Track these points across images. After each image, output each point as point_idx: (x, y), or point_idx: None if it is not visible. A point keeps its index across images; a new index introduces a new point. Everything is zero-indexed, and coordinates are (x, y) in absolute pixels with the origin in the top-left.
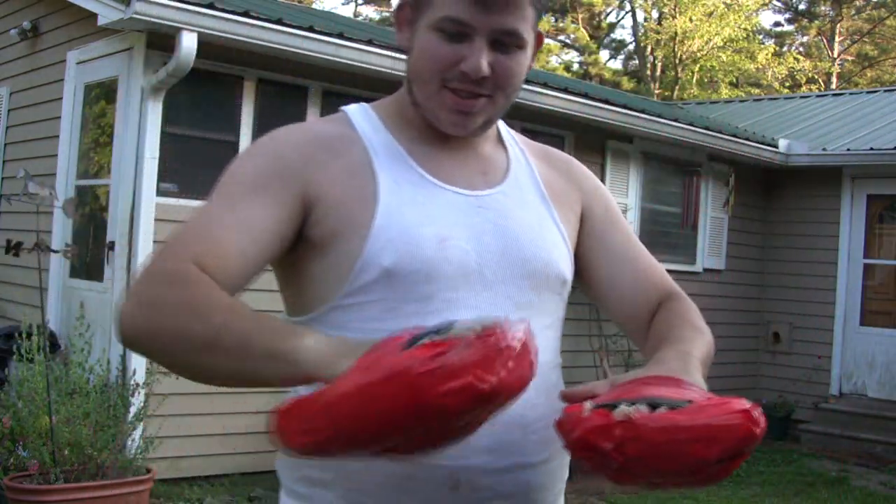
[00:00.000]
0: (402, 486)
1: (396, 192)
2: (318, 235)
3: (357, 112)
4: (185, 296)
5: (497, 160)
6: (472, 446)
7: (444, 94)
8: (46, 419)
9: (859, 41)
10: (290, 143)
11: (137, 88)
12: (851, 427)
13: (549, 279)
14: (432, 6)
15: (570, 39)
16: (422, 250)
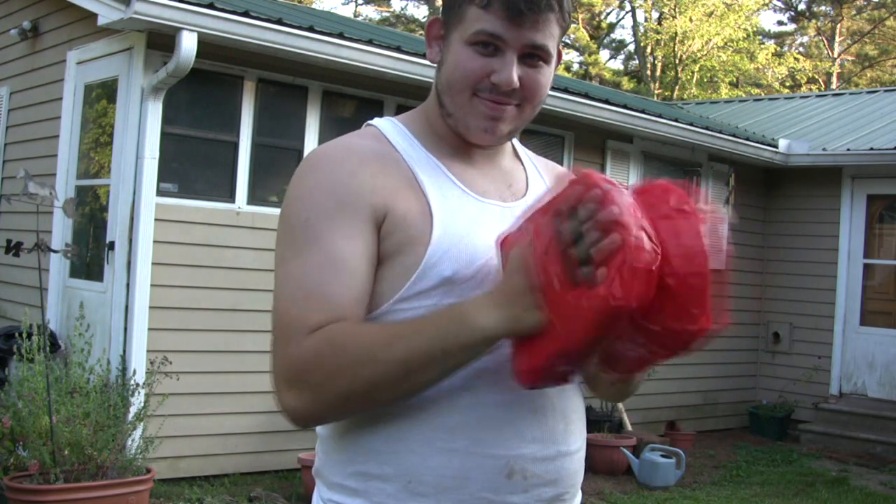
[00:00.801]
0: (459, 475)
1: (446, 205)
2: (385, 249)
3: (388, 127)
4: (346, 356)
5: (518, 174)
6: (524, 436)
7: (475, 102)
8: (46, 419)
9: (859, 41)
10: (343, 166)
11: (137, 88)
12: (851, 427)
13: None
14: (465, 21)
15: (570, 39)
16: (477, 259)
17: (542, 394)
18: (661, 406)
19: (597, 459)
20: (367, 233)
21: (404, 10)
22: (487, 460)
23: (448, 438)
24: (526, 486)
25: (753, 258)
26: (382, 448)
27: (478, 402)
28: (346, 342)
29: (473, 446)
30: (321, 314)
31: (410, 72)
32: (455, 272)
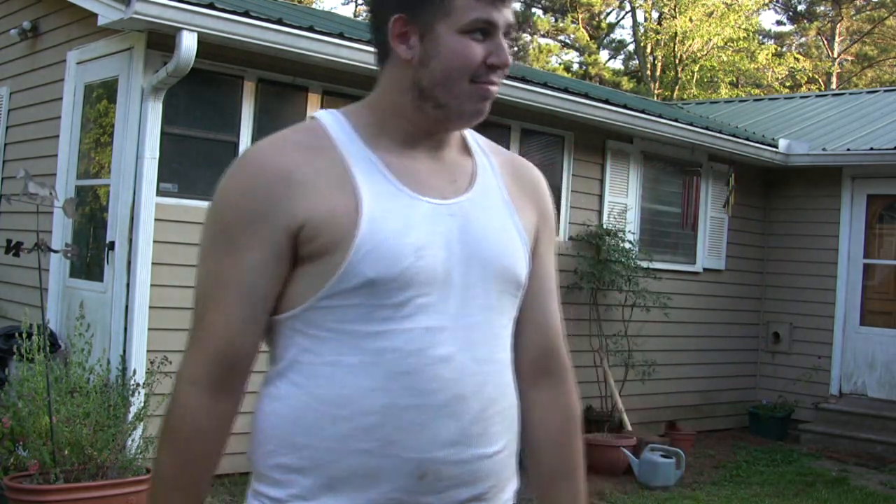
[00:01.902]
0: (372, 474)
1: (376, 203)
2: (307, 252)
3: (330, 120)
4: (175, 461)
5: (464, 167)
6: (437, 440)
7: (472, 89)
8: (46, 419)
9: (859, 41)
10: (267, 173)
11: (137, 88)
12: (851, 427)
13: (508, 282)
14: (454, 12)
15: (570, 39)
16: (401, 260)
17: (458, 397)
18: (661, 406)
19: (597, 459)
20: (278, 245)
21: None
22: (399, 462)
23: (362, 438)
24: (439, 488)
25: (753, 258)
26: (301, 443)
27: (393, 405)
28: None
29: (386, 448)
30: (225, 351)
31: None
32: (378, 274)
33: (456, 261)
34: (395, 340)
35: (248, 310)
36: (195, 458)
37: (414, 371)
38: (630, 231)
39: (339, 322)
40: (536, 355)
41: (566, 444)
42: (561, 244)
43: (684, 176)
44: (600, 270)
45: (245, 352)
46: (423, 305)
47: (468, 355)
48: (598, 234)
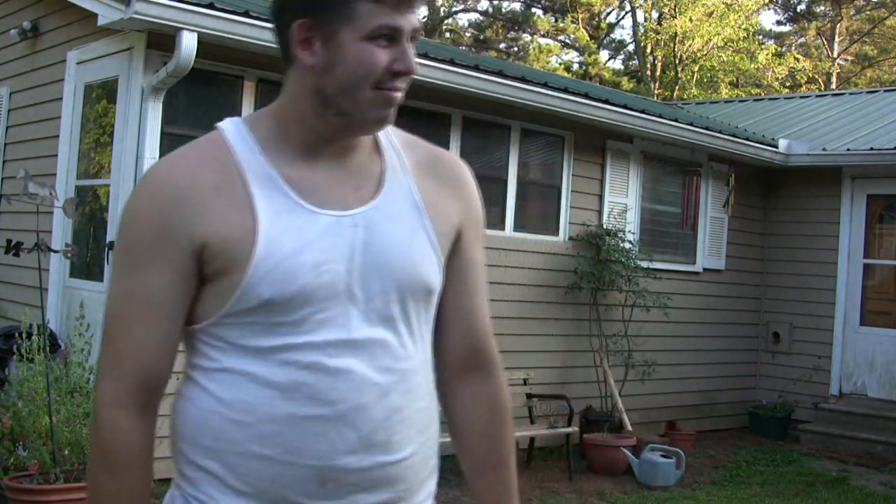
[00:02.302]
0: (274, 479)
1: (275, 222)
2: (209, 271)
3: (232, 131)
4: (109, 482)
5: (370, 171)
6: (337, 448)
7: (375, 96)
8: (46, 419)
9: (859, 41)
10: (168, 196)
11: (137, 88)
12: (851, 427)
13: (415, 290)
14: (357, 18)
15: (569, 39)
16: (298, 279)
17: (358, 408)
18: (661, 406)
19: (597, 459)
20: (182, 264)
21: None
22: (299, 469)
23: (264, 445)
24: (341, 494)
25: (753, 258)
26: (208, 445)
27: (293, 415)
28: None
29: (286, 455)
30: (138, 373)
31: None
32: (274, 294)
33: (357, 273)
34: (296, 354)
35: (157, 330)
36: (136, 478)
37: (313, 383)
38: (630, 231)
39: (241, 337)
40: (462, 352)
41: (495, 436)
42: (561, 244)
43: (684, 176)
44: (600, 270)
45: (160, 372)
46: (322, 321)
47: (368, 366)
48: (598, 234)
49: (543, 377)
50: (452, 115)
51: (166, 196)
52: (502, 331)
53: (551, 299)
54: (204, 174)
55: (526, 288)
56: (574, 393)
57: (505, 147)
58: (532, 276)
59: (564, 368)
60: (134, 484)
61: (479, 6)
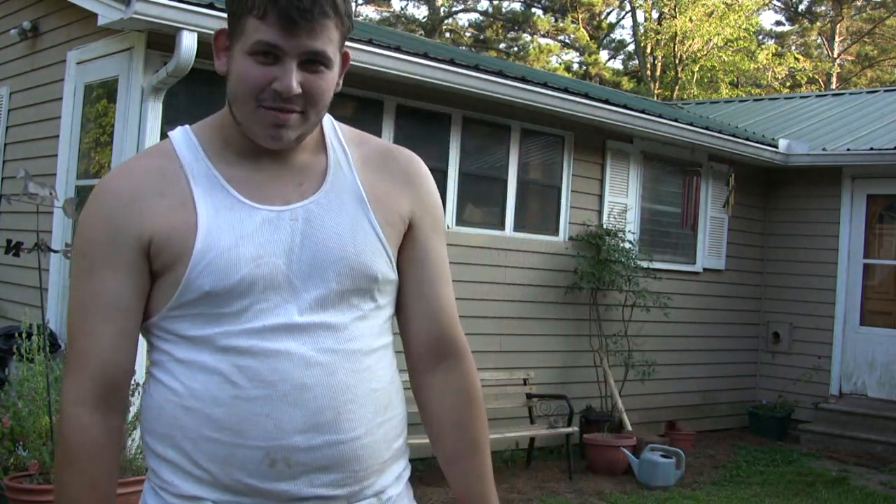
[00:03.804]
0: (226, 463)
1: (214, 218)
2: (156, 267)
3: (181, 140)
4: (73, 480)
5: (314, 168)
6: (284, 428)
7: (260, 113)
8: (46, 419)
9: (859, 41)
10: (116, 200)
11: (137, 88)
12: (851, 427)
13: (357, 278)
14: (245, 32)
15: (570, 39)
16: (237, 271)
17: (300, 387)
18: (661, 406)
19: (597, 459)
20: (133, 262)
21: (404, 10)
22: (248, 450)
23: (214, 429)
24: (292, 474)
25: (753, 258)
26: (166, 433)
27: (239, 397)
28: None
29: (235, 437)
30: (101, 371)
31: (410, 72)
32: (213, 286)
33: (297, 264)
34: (235, 340)
35: (114, 327)
36: (99, 475)
37: (254, 365)
38: (630, 231)
39: (188, 328)
40: (428, 341)
41: (465, 424)
42: (561, 244)
43: (684, 176)
44: (600, 270)
45: (122, 368)
46: (262, 311)
47: (310, 348)
48: (598, 234)
49: (543, 377)
50: (452, 115)
51: (114, 200)
52: (502, 331)
53: (551, 299)
54: (149, 178)
55: (526, 288)
56: (574, 393)
57: (505, 147)
58: (532, 276)
59: (564, 368)
60: (96, 480)
61: (479, 6)
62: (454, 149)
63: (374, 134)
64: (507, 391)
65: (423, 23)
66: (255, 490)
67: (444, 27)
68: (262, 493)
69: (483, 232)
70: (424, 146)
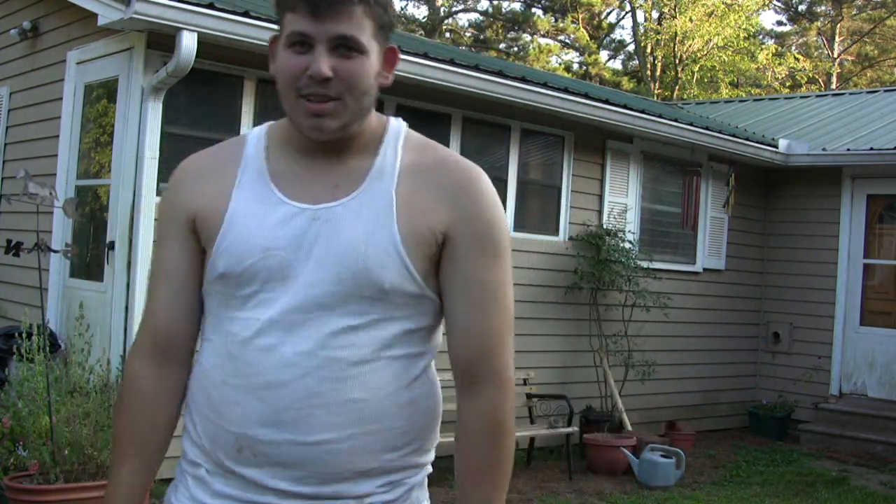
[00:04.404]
0: (212, 440)
1: (244, 207)
2: (202, 243)
3: (254, 134)
4: (120, 417)
5: (357, 172)
6: (250, 419)
7: (300, 103)
8: (46, 419)
9: (859, 41)
10: (177, 182)
11: (137, 88)
12: (851, 427)
13: (360, 285)
14: (283, 29)
15: (570, 39)
16: (246, 259)
17: (270, 384)
18: (661, 406)
19: (597, 459)
20: (183, 234)
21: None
22: (225, 433)
23: (208, 407)
24: (257, 463)
25: (753, 258)
26: (189, 405)
27: (223, 381)
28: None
29: (218, 418)
30: (158, 329)
31: (411, 72)
32: (225, 269)
33: (305, 262)
34: (235, 326)
35: (169, 291)
36: (141, 418)
37: (239, 356)
38: (630, 231)
39: (212, 306)
40: (462, 363)
41: (483, 447)
42: (561, 244)
43: (684, 176)
44: (600, 270)
45: (176, 328)
46: (265, 300)
47: (291, 348)
48: (598, 234)
49: (543, 377)
50: (452, 115)
51: (177, 180)
52: None
53: (551, 299)
54: (209, 163)
55: (526, 288)
56: (574, 393)
57: (505, 147)
58: (532, 276)
59: (564, 368)
60: (135, 422)
61: (479, 6)
62: (454, 149)
63: None
64: None
65: (423, 23)
66: (229, 470)
67: (444, 27)
68: (234, 474)
69: None
70: None
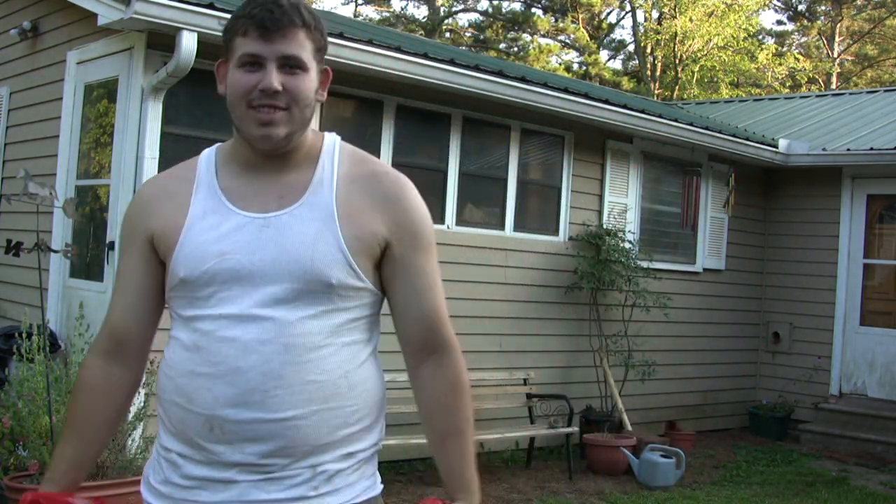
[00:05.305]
0: (182, 423)
1: (199, 219)
2: (161, 257)
3: (204, 155)
4: (70, 402)
5: (299, 184)
6: (219, 401)
7: (250, 114)
8: (46, 419)
9: (859, 41)
10: (138, 201)
11: (137, 88)
12: (851, 427)
13: (310, 281)
14: (234, 52)
15: (570, 39)
16: (204, 263)
17: (236, 370)
18: (661, 406)
19: (597, 459)
20: (142, 250)
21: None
22: (195, 416)
23: (177, 394)
24: (227, 440)
25: (753, 258)
26: (158, 394)
27: (192, 371)
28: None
29: (187, 403)
30: (116, 327)
31: (410, 72)
32: (186, 274)
33: (260, 264)
34: (200, 323)
35: (125, 299)
36: (91, 404)
37: (206, 347)
38: (630, 231)
39: (175, 308)
40: (417, 340)
41: (452, 407)
42: (561, 244)
43: (684, 176)
44: (600, 270)
45: (130, 330)
46: (223, 298)
47: (253, 338)
48: (598, 234)
49: (543, 377)
50: (452, 115)
51: (137, 201)
52: (502, 331)
53: (551, 299)
54: (168, 185)
55: (526, 288)
56: (574, 393)
57: (505, 147)
58: (532, 276)
59: (564, 368)
60: (86, 408)
61: (479, 6)
62: (454, 149)
63: (373, 134)
64: (507, 391)
65: (423, 23)
66: (201, 447)
67: (444, 27)
68: (206, 451)
69: (483, 232)
70: (424, 146)
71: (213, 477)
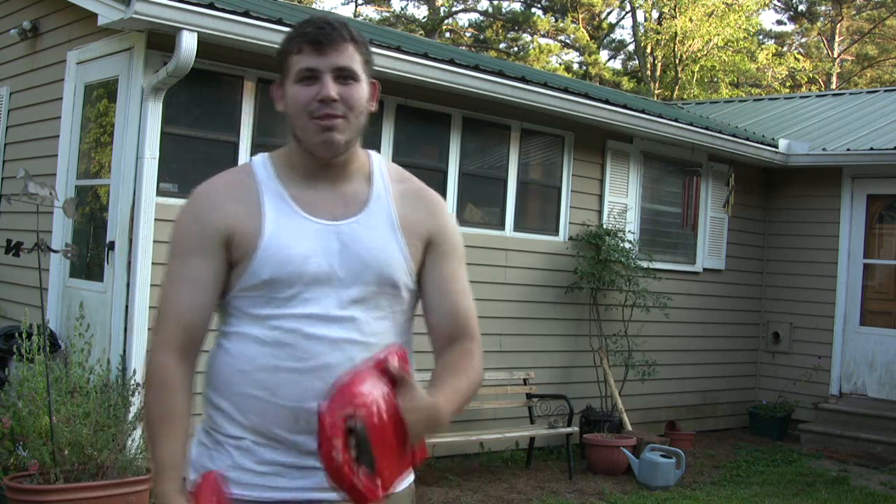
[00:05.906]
0: (262, 415)
1: (276, 223)
2: (233, 258)
3: (258, 162)
4: (155, 403)
5: (359, 195)
6: (308, 395)
7: (312, 124)
8: (46, 419)
9: (859, 41)
10: (206, 203)
11: (137, 88)
12: (851, 427)
13: (382, 283)
14: (290, 69)
15: (570, 39)
16: (288, 265)
17: (326, 365)
18: (661, 406)
19: (597, 459)
20: (215, 250)
21: (404, 10)
22: (280, 408)
23: (257, 388)
24: (309, 430)
25: (753, 258)
26: (222, 388)
27: (279, 367)
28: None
29: (271, 397)
30: (181, 332)
31: (411, 72)
32: (270, 275)
33: (337, 267)
34: (283, 321)
35: (196, 297)
36: (174, 399)
37: (293, 343)
38: (630, 231)
39: (248, 307)
40: (446, 333)
41: (461, 367)
42: (561, 244)
43: (684, 176)
44: (600, 270)
45: (202, 327)
46: (306, 299)
47: (339, 336)
48: (598, 234)
49: (543, 377)
50: (452, 115)
51: (205, 202)
52: (502, 331)
53: (551, 299)
54: (230, 188)
55: (526, 288)
56: (574, 393)
57: (505, 147)
58: (532, 276)
59: (564, 368)
60: (171, 404)
61: (479, 6)
62: (454, 149)
63: (374, 134)
64: (507, 391)
65: (423, 23)
66: (281, 438)
67: (444, 27)
68: (286, 442)
69: (483, 232)
70: (424, 146)
71: (294, 463)
